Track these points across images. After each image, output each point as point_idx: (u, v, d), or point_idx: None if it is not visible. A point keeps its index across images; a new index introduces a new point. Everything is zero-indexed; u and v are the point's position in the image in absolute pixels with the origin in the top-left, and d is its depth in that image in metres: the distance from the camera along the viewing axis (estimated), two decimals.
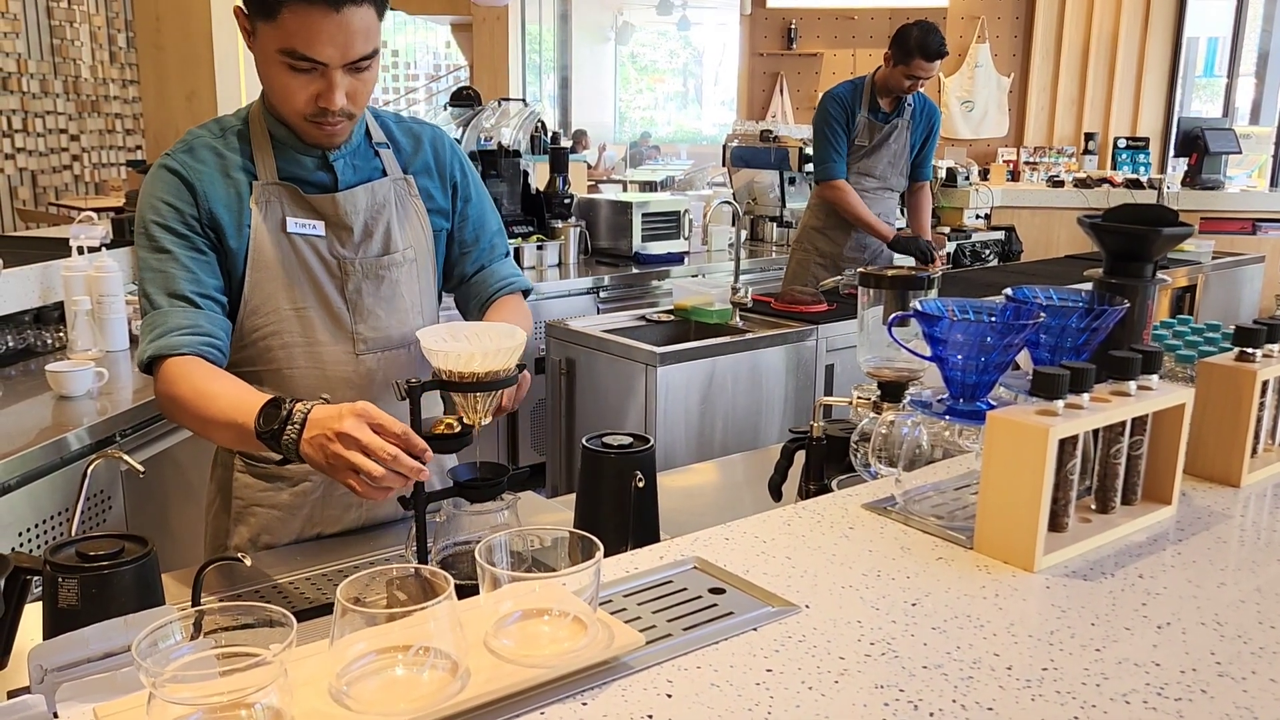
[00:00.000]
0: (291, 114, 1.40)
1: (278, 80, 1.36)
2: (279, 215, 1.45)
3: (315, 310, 1.48)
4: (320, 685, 0.77)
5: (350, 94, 1.37)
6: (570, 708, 0.79)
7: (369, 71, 1.39)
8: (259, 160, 1.45)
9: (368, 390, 1.50)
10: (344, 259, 1.48)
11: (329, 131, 1.41)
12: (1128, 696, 0.81)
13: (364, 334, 1.50)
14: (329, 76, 1.34)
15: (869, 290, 1.46)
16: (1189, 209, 5.78)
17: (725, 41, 10.10)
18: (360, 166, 1.51)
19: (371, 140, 1.53)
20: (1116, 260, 1.34)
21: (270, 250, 1.44)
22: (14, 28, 6.01)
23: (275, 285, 1.45)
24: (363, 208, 1.49)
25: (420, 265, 1.56)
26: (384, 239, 1.51)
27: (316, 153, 1.47)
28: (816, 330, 3.17)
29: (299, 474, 1.52)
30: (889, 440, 1.29)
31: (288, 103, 1.38)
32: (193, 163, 1.43)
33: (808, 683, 0.83)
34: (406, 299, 1.54)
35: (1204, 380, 1.27)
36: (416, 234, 1.55)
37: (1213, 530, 1.15)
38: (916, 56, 3.58)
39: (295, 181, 1.46)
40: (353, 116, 1.42)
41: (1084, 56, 7.46)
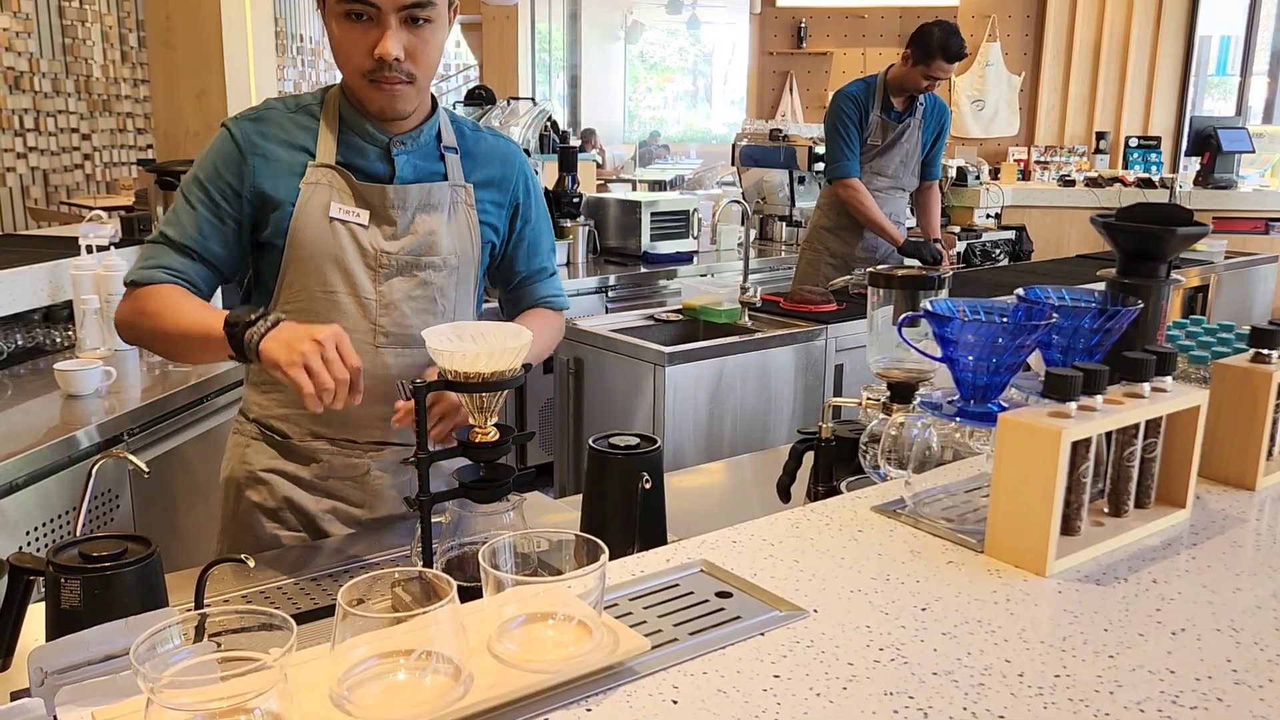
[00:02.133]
0: (352, 72, 1.42)
1: (338, 36, 1.40)
2: (325, 199, 1.47)
3: (345, 296, 1.49)
4: (321, 690, 0.76)
5: (409, 51, 1.39)
6: (574, 714, 0.78)
7: (428, 29, 1.40)
8: (322, 141, 1.48)
9: (382, 383, 1.51)
10: (381, 251, 1.49)
11: (388, 91, 1.41)
12: (1142, 705, 0.80)
13: (385, 327, 1.50)
14: (382, 22, 1.36)
15: (879, 290, 1.44)
16: (1201, 208, 5.74)
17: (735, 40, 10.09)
18: (421, 166, 1.52)
19: (440, 142, 1.54)
20: (1130, 260, 1.32)
21: (310, 232, 1.46)
22: (26, 27, 6.03)
23: (309, 266, 1.48)
24: (412, 205, 1.50)
25: (461, 274, 1.56)
26: (428, 240, 1.51)
27: (382, 142, 1.48)
28: (826, 330, 3.15)
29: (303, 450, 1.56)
30: (899, 442, 1.27)
31: (348, 59, 1.41)
32: (254, 134, 1.47)
33: (816, 689, 0.82)
34: (439, 303, 1.54)
35: (1219, 382, 1.25)
36: (464, 243, 1.55)
37: (1227, 534, 1.13)
38: (938, 58, 3.56)
39: (351, 168, 1.48)
40: (415, 81, 1.42)
41: (1095, 55, 7.42)
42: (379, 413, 1.51)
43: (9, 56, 5.93)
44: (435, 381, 1.21)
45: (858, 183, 3.75)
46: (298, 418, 1.55)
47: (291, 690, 0.71)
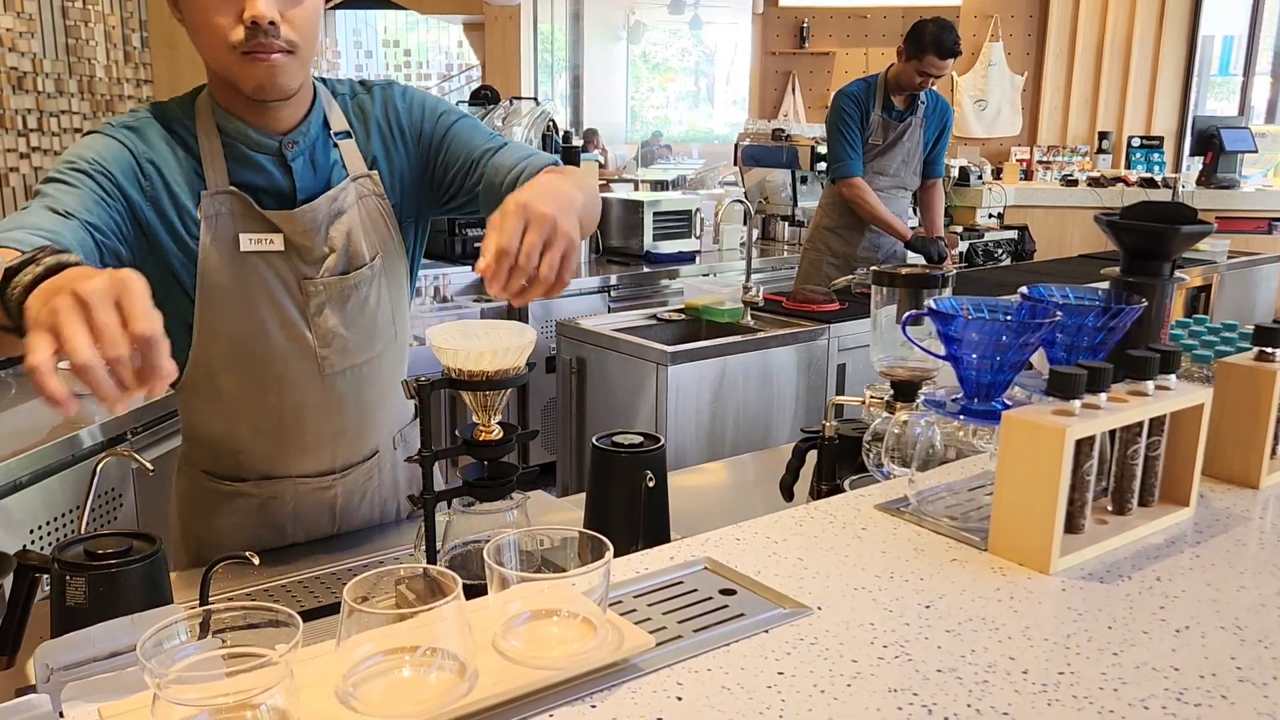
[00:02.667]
0: (220, 49, 1.22)
1: (198, 10, 1.20)
2: (230, 232, 1.30)
3: (276, 334, 1.36)
4: (326, 686, 0.76)
5: (286, 17, 1.21)
6: (579, 710, 0.78)
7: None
8: (208, 161, 1.30)
9: (335, 410, 1.43)
10: (304, 278, 1.35)
11: (266, 63, 1.22)
12: (1146, 701, 0.80)
13: (329, 357, 1.40)
14: None
15: (882, 289, 1.44)
16: (1204, 208, 5.74)
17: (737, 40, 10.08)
18: (320, 164, 1.37)
19: (329, 130, 1.38)
20: (1134, 258, 1.33)
21: (223, 271, 1.31)
22: (29, 28, 6.04)
23: (227, 308, 1.33)
24: (323, 221, 1.35)
25: (390, 269, 1.44)
26: (346, 253, 1.38)
27: (272, 146, 1.32)
28: (828, 330, 3.15)
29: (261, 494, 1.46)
30: (902, 440, 1.27)
31: (215, 35, 1.21)
32: (142, 146, 1.28)
33: (820, 686, 0.82)
34: (377, 313, 1.43)
35: (1223, 380, 1.25)
36: (383, 235, 1.42)
37: (1231, 532, 1.13)
38: (930, 53, 3.56)
39: (248, 188, 1.31)
40: (295, 50, 1.24)
41: (1098, 55, 7.41)
42: (334, 436, 1.45)
43: (12, 57, 5.93)
44: (439, 380, 1.21)
45: (861, 181, 3.75)
46: (250, 463, 1.44)
47: (297, 686, 0.71)
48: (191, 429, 1.49)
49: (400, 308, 1.48)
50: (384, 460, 1.55)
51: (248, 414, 1.41)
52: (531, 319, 4.08)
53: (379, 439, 1.53)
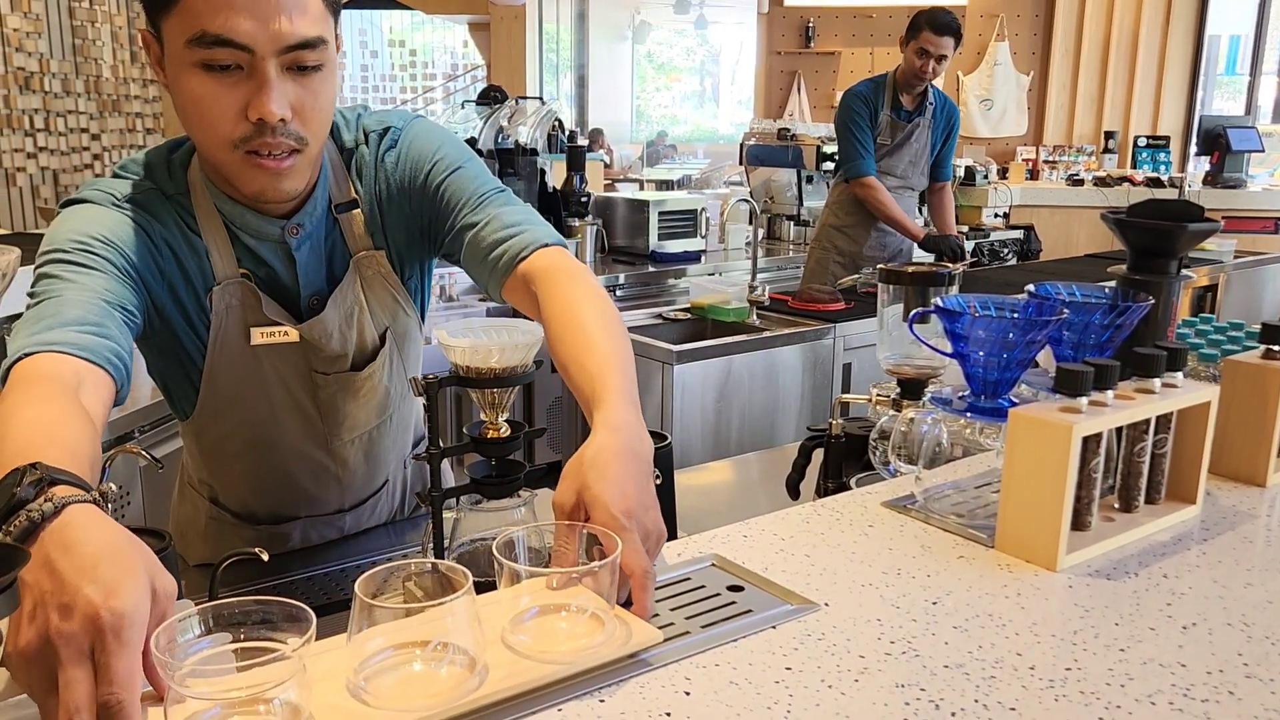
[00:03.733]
0: (219, 145, 1.06)
1: (193, 96, 1.03)
2: (240, 325, 1.21)
3: (285, 414, 1.31)
4: (338, 680, 0.76)
5: (296, 108, 1.05)
6: (588, 704, 0.79)
7: (318, 78, 1.06)
8: (213, 245, 1.17)
9: (345, 471, 1.40)
10: (315, 370, 1.29)
11: (272, 167, 1.07)
12: (1153, 698, 0.80)
13: (338, 433, 1.36)
14: (258, 70, 1.02)
15: (889, 287, 1.45)
16: (1210, 208, 5.71)
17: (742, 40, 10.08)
18: (322, 246, 1.25)
19: (333, 205, 1.24)
20: (1141, 256, 1.33)
21: (233, 362, 1.23)
22: (36, 28, 6.06)
23: (235, 396, 1.27)
24: (334, 327, 1.27)
25: (399, 336, 1.37)
26: (359, 348, 1.31)
27: (274, 234, 1.19)
28: (834, 329, 3.15)
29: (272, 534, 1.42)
30: (909, 438, 1.27)
31: (212, 127, 1.04)
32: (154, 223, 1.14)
33: (828, 681, 0.82)
34: (385, 387, 1.37)
35: (1229, 378, 1.26)
36: (391, 309, 1.33)
37: (1238, 530, 1.13)
38: (926, 29, 3.58)
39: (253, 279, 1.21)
40: (305, 148, 1.09)
41: (1104, 54, 7.40)
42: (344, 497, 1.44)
43: (19, 57, 5.95)
44: (447, 378, 1.21)
45: (875, 180, 3.75)
46: (260, 505, 1.40)
47: (309, 680, 0.71)
48: (194, 475, 1.44)
49: (413, 363, 1.41)
50: (394, 484, 1.53)
51: (251, 479, 1.38)
52: None
53: (388, 473, 1.50)
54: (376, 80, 12.10)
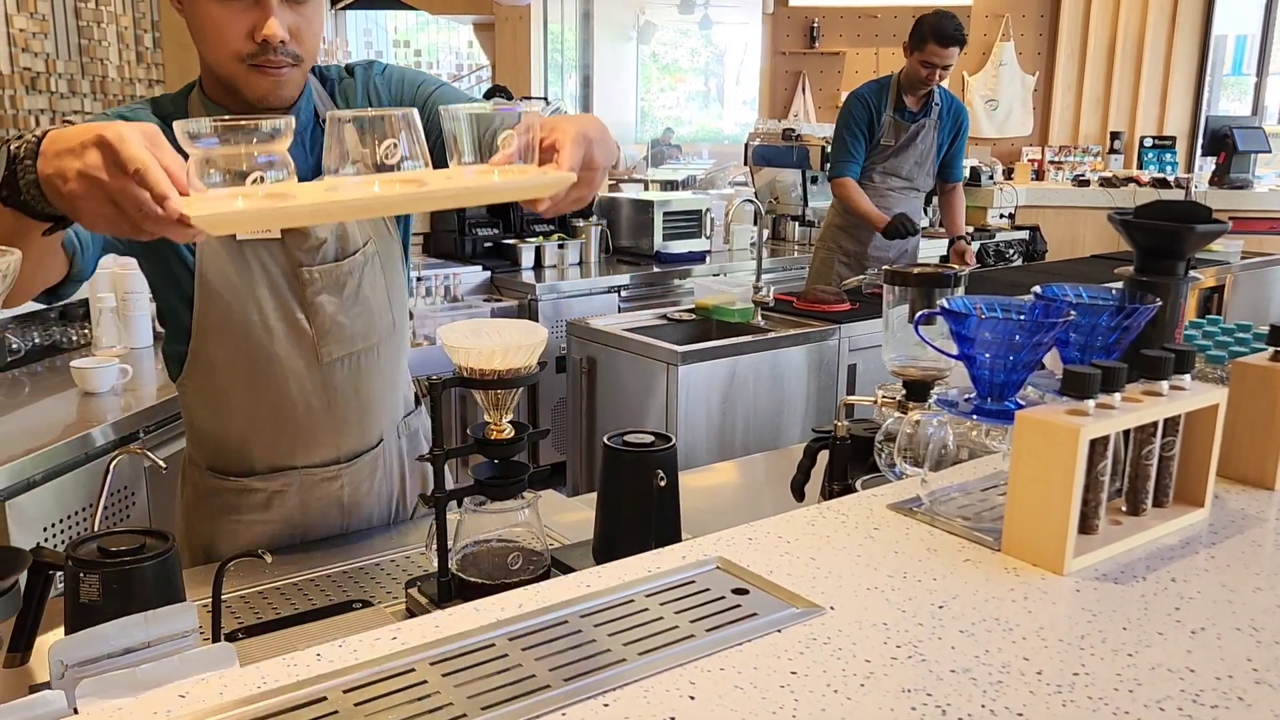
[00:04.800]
0: (228, 59, 1.26)
1: (207, 17, 1.24)
2: None
3: (274, 322, 1.38)
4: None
5: (293, 31, 1.26)
6: (591, 708, 0.78)
7: (311, 6, 1.28)
8: None
9: (336, 400, 1.44)
10: (299, 265, 1.38)
11: (274, 77, 1.28)
12: (1162, 703, 0.79)
13: (327, 345, 1.42)
14: (264, 2, 1.23)
15: (894, 288, 1.44)
16: (1217, 209, 5.70)
17: (747, 40, 10.07)
18: (310, 150, 1.37)
19: (319, 118, 1.40)
20: (1148, 257, 1.32)
21: (220, 262, 1.33)
22: (42, 28, 6.07)
23: (225, 301, 1.35)
24: None
25: (384, 255, 1.46)
26: (338, 240, 1.40)
27: None
28: (839, 330, 3.15)
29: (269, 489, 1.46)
30: (914, 440, 1.27)
31: (221, 44, 1.25)
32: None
33: (833, 685, 0.81)
34: (371, 299, 1.45)
35: (1238, 381, 1.25)
36: (376, 220, 1.44)
37: (1247, 533, 1.12)
38: (930, 42, 3.55)
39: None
40: (300, 62, 1.30)
41: (1110, 54, 7.38)
42: (336, 426, 1.46)
43: (25, 57, 5.96)
44: (451, 379, 1.21)
45: (850, 181, 3.76)
46: (257, 457, 1.45)
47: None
48: (195, 426, 1.50)
49: (397, 296, 1.49)
50: (389, 450, 1.55)
51: (249, 407, 1.42)
52: (542, 318, 4.09)
53: (382, 428, 1.53)
54: None
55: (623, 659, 0.84)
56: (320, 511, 1.50)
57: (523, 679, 0.82)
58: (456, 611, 0.93)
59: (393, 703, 0.79)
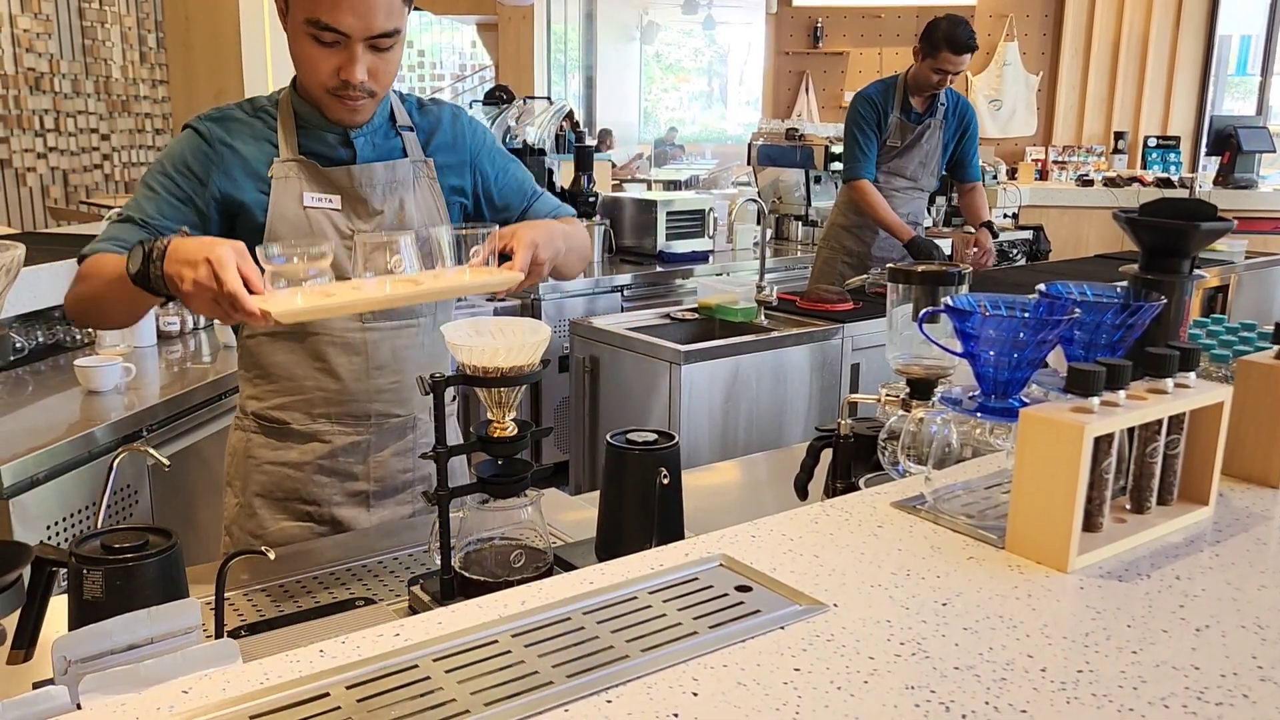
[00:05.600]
0: (316, 87, 1.46)
1: (304, 52, 1.43)
2: (296, 190, 1.50)
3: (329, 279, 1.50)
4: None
5: (372, 72, 1.44)
6: (594, 704, 0.78)
7: (391, 52, 1.45)
8: (283, 137, 1.52)
9: (369, 359, 1.57)
10: (359, 232, 1.50)
11: (350, 106, 1.47)
12: (1166, 700, 0.79)
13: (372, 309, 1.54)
14: (351, 49, 1.40)
15: (898, 287, 1.44)
16: (1221, 208, 5.68)
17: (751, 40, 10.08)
18: (380, 145, 1.57)
19: (395, 123, 1.59)
20: (1153, 255, 1.31)
21: (287, 223, 1.50)
22: (46, 28, 6.08)
23: None
24: (380, 183, 1.54)
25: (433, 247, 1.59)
26: (397, 215, 1.56)
27: (339, 130, 1.53)
28: (842, 329, 3.14)
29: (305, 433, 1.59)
30: (918, 438, 1.27)
31: (313, 75, 1.45)
32: (219, 130, 1.51)
33: (836, 682, 0.81)
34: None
35: (1242, 379, 1.24)
36: (432, 216, 1.59)
37: (1252, 532, 1.12)
38: (944, 49, 3.53)
39: (315, 157, 1.52)
40: (375, 95, 1.48)
41: (1114, 54, 7.37)
42: (376, 386, 1.59)
43: (30, 57, 5.98)
44: (454, 376, 1.21)
45: (868, 184, 3.74)
46: (296, 404, 1.59)
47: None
48: (248, 369, 1.63)
49: None
50: (419, 431, 1.66)
51: (295, 353, 1.56)
52: (545, 317, 4.09)
53: (413, 406, 1.64)
54: None
55: (626, 655, 0.84)
56: (346, 463, 1.61)
57: (526, 675, 0.82)
58: (459, 608, 0.92)
59: (396, 699, 0.79)
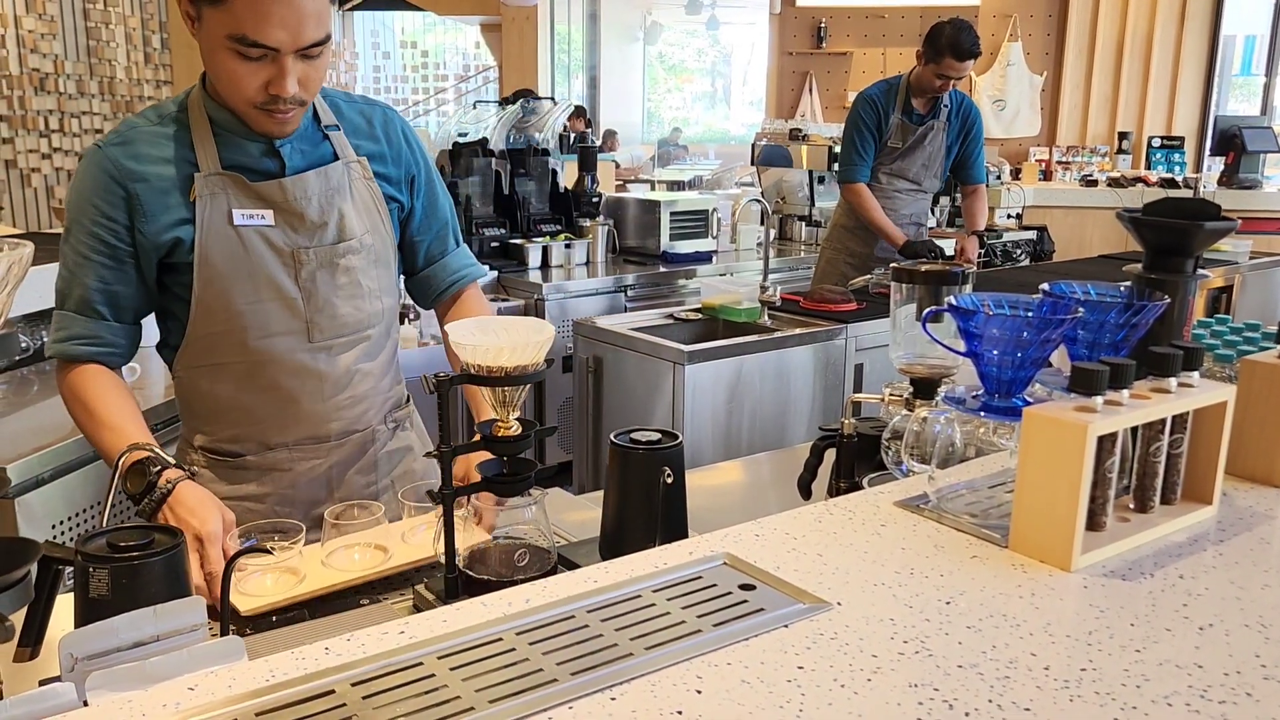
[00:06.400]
0: (240, 103, 1.35)
1: (225, 68, 1.31)
2: (224, 208, 1.39)
3: (270, 303, 1.43)
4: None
5: (302, 81, 1.33)
6: (599, 701, 0.78)
7: (321, 59, 1.35)
8: (200, 149, 1.40)
9: (323, 379, 1.49)
10: (297, 247, 1.44)
11: (280, 119, 1.37)
12: (1169, 699, 0.79)
13: (320, 324, 1.47)
14: (280, 63, 1.30)
15: (902, 286, 1.44)
16: (1225, 208, 5.67)
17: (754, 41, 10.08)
18: (308, 151, 1.46)
19: (320, 123, 1.48)
20: (1157, 255, 1.31)
21: (218, 246, 1.40)
22: (51, 29, 6.09)
23: (226, 283, 1.41)
24: (314, 193, 1.44)
25: (379, 250, 1.52)
26: (338, 226, 1.46)
27: (262, 139, 1.42)
28: (845, 329, 3.14)
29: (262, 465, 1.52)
30: (922, 437, 1.27)
31: (237, 92, 1.33)
32: (127, 160, 1.38)
33: (840, 680, 0.81)
34: (364, 286, 1.51)
35: (1246, 378, 1.24)
36: (373, 218, 1.51)
37: (1255, 531, 1.12)
38: (947, 55, 3.53)
39: (240, 170, 1.41)
40: (304, 104, 1.38)
41: (1118, 54, 7.37)
42: (335, 405, 1.52)
43: (34, 58, 5.99)
44: (458, 375, 1.21)
45: (863, 187, 3.74)
46: (250, 434, 1.51)
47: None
48: (191, 404, 1.55)
49: (388, 287, 1.56)
50: (379, 445, 1.62)
51: (243, 383, 1.47)
52: (548, 317, 4.09)
53: (370, 418, 1.59)
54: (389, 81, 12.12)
55: (630, 653, 0.84)
56: (309, 488, 1.55)
57: (530, 673, 0.82)
58: (464, 606, 0.93)
59: (400, 696, 0.79)
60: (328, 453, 1.55)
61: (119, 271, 1.41)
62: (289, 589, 1.25)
